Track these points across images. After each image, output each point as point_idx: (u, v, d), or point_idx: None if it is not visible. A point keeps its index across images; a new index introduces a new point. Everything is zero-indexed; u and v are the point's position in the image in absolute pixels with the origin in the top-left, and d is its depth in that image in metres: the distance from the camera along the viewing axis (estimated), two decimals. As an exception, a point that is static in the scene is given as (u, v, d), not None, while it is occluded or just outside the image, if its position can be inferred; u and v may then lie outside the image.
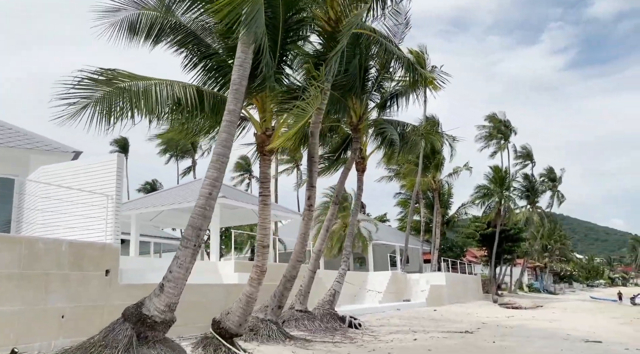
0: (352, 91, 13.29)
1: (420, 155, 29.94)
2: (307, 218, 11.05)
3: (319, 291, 15.69)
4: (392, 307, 21.74)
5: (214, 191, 6.83)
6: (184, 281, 6.73)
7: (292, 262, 11.08)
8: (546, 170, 54.55)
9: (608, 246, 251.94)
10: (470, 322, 17.20)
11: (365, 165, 16.14)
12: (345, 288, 22.90)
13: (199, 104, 8.09)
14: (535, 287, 59.48)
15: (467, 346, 10.18)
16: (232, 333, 8.57)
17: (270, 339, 10.48)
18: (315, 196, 11.22)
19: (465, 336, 12.52)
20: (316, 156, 10.97)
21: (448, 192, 38.42)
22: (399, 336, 12.37)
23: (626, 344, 11.58)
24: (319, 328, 12.84)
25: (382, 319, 17.07)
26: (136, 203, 19.45)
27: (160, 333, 6.68)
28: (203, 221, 6.76)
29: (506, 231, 41.59)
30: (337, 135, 15.24)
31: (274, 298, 11.12)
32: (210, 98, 8.32)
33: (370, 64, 13.54)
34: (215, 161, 6.90)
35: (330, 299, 14.49)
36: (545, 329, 14.81)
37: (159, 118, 8.12)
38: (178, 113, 8.35)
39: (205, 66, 8.74)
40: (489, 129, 45.75)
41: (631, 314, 24.48)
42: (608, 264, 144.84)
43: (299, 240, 11.24)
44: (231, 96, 7.05)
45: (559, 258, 72.55)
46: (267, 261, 8.81)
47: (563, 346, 10.29)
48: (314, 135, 10.91)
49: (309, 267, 13.58)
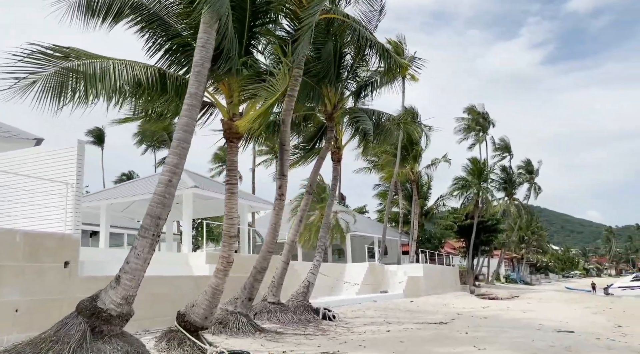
0: (327, 79, 12.99)
1: (398, 146, 29.87)
2: (278, 208, 10.77)
3: (295, 283, 15.46)
4: (369, 299, 21.68)
5: (174, 179, 6.49)
6: (142, 272, 6.40)
7: (263, 253, 10.81)
8: (524, 163, 55.25)
9: (583, 238, 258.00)
10: (446, 313, 17.20)
11: (341, 154, 15.91)
12: (322, 280, 22.76)
13: (162, 87, 7.70)
14: (512, 278, 60.41)
15: (440, 337, 10.07)
16: (198, 326, 8.28)
17: (240, 332, 10.22)
18: (287, 186, 10.93)
19: (439, 327, 12.45)
20: (287, 144, 10.68)
21: (427, 184, 38.53)
22: (373, 328, 12.23)
23: (598, 334, 11.65)
24: (292, 320, 12.63)
25: (358, 311, 16.95)
26: (106, 193, 18.88)
27: (117, 327, 6.35)
28: (162, 210, 6.42)
29: (484, 223, 41.99)
30: (312, 124, 14.95)
31: (244, 290, 10.84)
32: (174, 81, 7.95)
33: (345, 52, 13.25)
34: (175, 147, 6.56)
35: (304, 291, 14.28)
36: (518, 319, 14.87)
37: (118, 101, 7.69)
38: (139, 95, 7.93)
39: (169, 49, 8.34)
40: (467, 121, 45.99)
41: (604, 304, 24.90)
42: (583, 255, 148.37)
43: (269, 230, 10.96)
44: (193, 78, 6.70)
45: (536, 250, 73.83)
46: (234, 252, 8.50)
47: (535, 336, 10.27)
48: (285, 123, 10.60)
49: (281, 258, 13.33)
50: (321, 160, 13.93)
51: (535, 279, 72.66)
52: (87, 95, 6.96)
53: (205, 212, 22.75)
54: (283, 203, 10.83)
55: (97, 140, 57.03)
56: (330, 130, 13.83)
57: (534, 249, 71.28)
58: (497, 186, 49.33)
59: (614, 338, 11.12)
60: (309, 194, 13.81)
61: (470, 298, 29.09)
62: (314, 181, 13.92)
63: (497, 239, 46.95)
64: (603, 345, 9.62)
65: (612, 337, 11.22)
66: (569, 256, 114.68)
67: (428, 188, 39.16)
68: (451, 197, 40.15)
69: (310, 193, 13.83)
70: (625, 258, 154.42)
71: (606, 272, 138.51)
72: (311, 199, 30.09)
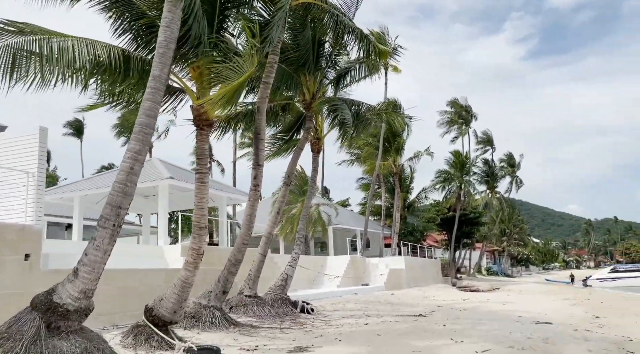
0: (305, 67, 12.68)
1: (381, 138, 29.72)
2: (253, 199, 10.46)
3: (275, 276, 15.19)
4: (350, 291, 21.55)
5: (136, 166, 6.13)
6: (101, 265, 6.05)
7: (238, 245, 10.50)
8: (506, 156, 55.66)
9: (563, 231, 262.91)
10: (426, 306, 17.12)
11: (321, 145, 15.63)
12: (303, 273, 22.57)
13: (126, 70, 7.31)
14: (493, 270, 61.08)
15: (417, 330, 9.91)
16: (166, 321, 7.97)
17: (213, 326, 9.94)
18: (262, 176, 10.62)
19: (418, 319, 12.31)
20: (263, 133, 10.35)
21: (409, 177, 38.52)
22: (351, 321, 12.04)
23: (575, 326, 11.63)
24: (269, 313, 12.38)
25: (338, 304, 16.77)
26: (80, 184, 18.32)
27: (75, 322, 6.00)
28: (123, 198, 6.07)
29: (466, 216, 42.21)
30: (290, 114, 14.62)
31: (218, 283, 10.54)
32: (139, 63, 7.55)
33: (324, 39, 12.94)
34: (137, 132, 6.20)
35: (282, 284, 14.03)
36: (498, 311, 14.84)
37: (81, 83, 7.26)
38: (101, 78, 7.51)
39: (135, 30, 7.93)
40: (450, 114, 46.08)
41: (582, 296, 25.18)
42: (563, 248, 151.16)
43: (244, 222, 10.66)
44: (157, 60, 6.33)
45: (517, 242, 74.71)
46: (205, 244, 8.19)
47: (513, 328, 10.18)
48: (260, 111, 10.27)
49: (258, 251, 13.04)
50: (299, 150, 13.63)
51: (516, 271, 73.67)
52: (42, 74, 6.53)
53: (183, 204, 22.29)
54: (258, 194, 10.52)
55: (76, 132, 55.78)
56: (309, 120, 13.53)
57: (515, 242, 72.13)
58: (479, 179, 49.66)
59: (591, 329, 11.11)
60: (287, 185, 13.51)
61: (452, 290, 29.18)
62: (291, 173, 13.63)
63: (479, 232, 47.31)
64: (580, 337, 9.56)
65: (590, 328, 11.20)
66: (549, 248, 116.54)
67: (410, 181, 39.17)
68: (433, 190, 40.28)
69: (288, 185, 13.54)
70: (604, 250, 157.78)
71: (585, 264, 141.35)
72: (293, 191, 29.94)
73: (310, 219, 32.36)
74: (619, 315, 15.11)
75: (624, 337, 9.76)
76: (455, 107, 46.32)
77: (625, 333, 10.43)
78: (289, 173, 13.53)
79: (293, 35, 12.52)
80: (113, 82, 7.68)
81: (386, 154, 32.88)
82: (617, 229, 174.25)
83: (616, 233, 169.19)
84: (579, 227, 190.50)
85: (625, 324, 12.34)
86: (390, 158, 33.88)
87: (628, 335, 10.07)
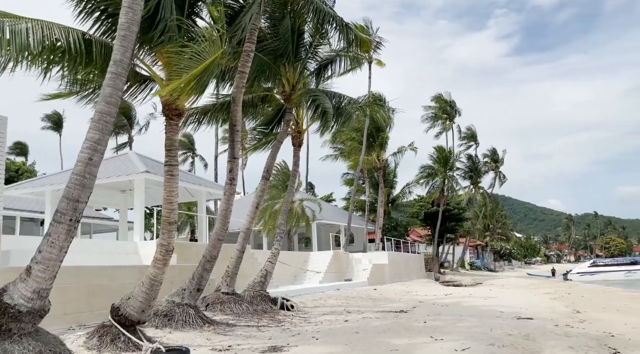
0: (285, 57, 12.30)
1: (364, 132, 29.47)
2: (229, 193, 10.08)
3: (255, 273, 14.85)
4: (333, 287, 21.32)
5: (96, 156, 5.72)
6: (57, 262, 5.64)
7: (213, 241, 10.13)
8: (489, 151, 55.93)
9: (545, 225, 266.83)
10: (408, 301, 16.96)
11: (302, 139, 15.30)
12: (285, 269, 22.28)
13: (87, 54, 6.85)
14: (476, 265, 61.53)
15: (397, 327, 9.67)
16: (134, 320, 7.58)
17: (187, 325, 9.56)
18: (238, 169, 10.24)
19: (398, 315, 12.09)
20: (238, 124, 9.97)
21: (393, 172, 38.38)
22: (331, 318, 11.78)
23: (556, 321, 11.52)
24: (247, 311, 12.04)
25: (319, 300, 16.51)
26: (51, 178, 17.69)
27: (29, 324, 5.59)
28: (81, 191, 5.66)
29: (449, 211, 42.27)
30: (271, 106, 14.23)
31: (193, 280, 10.16)
32: (102, 48, 7.10)
33: (303, 29, 12.56)
34: (97, 120, 5.78)
35: (262, 281, 13.69)
36: (479, 307, 14.71)
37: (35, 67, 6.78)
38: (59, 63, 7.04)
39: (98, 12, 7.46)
40: (435, 110, 46.04)
41: (563, 290, 25.33)
42: (544, 242, 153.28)
43: (219, 217, 10.28)
44: (118, 44, 5.90)
45: (500, 237, 75.38)
46: (174, 240, 7.80)
47: (494, 324, 10.00)
48: (236, 101, 9.88)
49: (236, 247, 12.67)
50: (279, 143, 13.27)
51: (498, 266, 74.36)
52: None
53: (160, 199, 21.79)
54: (234, 188, 10.15)
55: (56, 126, 54.45)
56: (289, 113, 13.17)
57: (498, 236, 72.76)
58: (462, 174, 49.81)
59: (572, 324, 11.00)
60: (266, 180, 13.15)
61: (434, 285, 29.16)
62: (271, 167, 13.26)
63: (463, 227, 47.45)
64: (561, 332, 9.42)
65: (570, 323, 11.10)
66: (531, 243, 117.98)
67: (394, 176, 39.05)
68: (417, 185, 40.23)
69: (267, 179, 13.17)
70: (584, 244, 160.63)
71: (566, 258, 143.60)
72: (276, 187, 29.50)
73: (294, 215, 32.04)
74: (600, 310, 15.10)
75: (605, 332, 9.65)
76: (439, 102, 46.29)
77: (606, 328, 10.34)
78: (268, 167, 13.16)
79: (272, 24, 12.12)
80: (73, 69, 7.22)
81: (370, 149, 32.67)
82: (597, 224, 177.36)
83: (596, 227, 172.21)
84: (560, 222, 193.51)
85: (606, 319, 12.28)
86: (374, 153, 33.68)
87: (609, 330, 9.97)
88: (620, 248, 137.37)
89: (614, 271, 43.39)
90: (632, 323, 11.71)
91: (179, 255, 14.40)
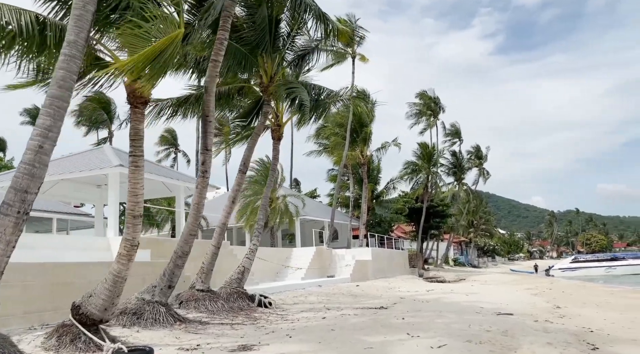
0: (262, 48, 11.93)
1: (348, 127, 29.21)
2: (201, 187, 9.71)
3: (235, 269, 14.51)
4: (314, 283, 21.05)
5: (47, 144, 5.34)
6: (3, 258, 5.25)
7: (184, 236, 9.76)
8: (473, 148, 56.17)
9: (528, 222, 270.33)
10: (390, 297, 16.77)
11: (282, 132, 14.97)
12: (267, 265, 21.94)
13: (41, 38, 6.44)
14: (460, 261, 61.85)
15: (374, 324, 9.43)
16: (95, 319, 7.20)
17: (156, 324, 9.19)
18: (211, 162, 9.88)
19: (378, 312, 11.87)
20: (211, 115, 9.59)
21: (377, 168, 38.22)
22: (309, 315, 11.50)
23: (536, 316, 11.41)
24: (222, 308, 11.70)
25: (300, 297, 16.23)
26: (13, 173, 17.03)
27: (-26, 324, 5.20)
28: (30, 181, 5.28)
29: (434, 207, 42.28)
30: (249, 98, 13.85)
31: (164, 277, 9.79)
32: (57, 31, 6.68)
33: (281, 18, 12.20)
34: (48, 105, 5.39)
35: (239, 277, 13.36)
36: (460, 302, 14.57)
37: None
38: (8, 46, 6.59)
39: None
40: (419, 106, 45.98)
41: (544, 285, 25.42)
42: (527, 239, 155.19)
43: (191, 211, 9.90)
44: (72, 24, 5.51)
45: (484, 234, 75.93)
46: (140, 234, 7.43)
47: (473, 320, 9.82)
48: (208, 91, 9.50)
49: (212, 242, 12.31)
50: (256, 136, 12.91)
51: (482, 262, 74.92)
52: None
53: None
54: (207, 181, 9.78)
55: (34, 120, 53.16)
56: (267, 105, 12.82)
57: (482, 233, 73.27)
58: (446, 171, 49.92)
59: (551, 319, 10.89)
60: (243, 173, 12.79)
61: (418, 281, 29.09)
62: (248, 160, 12.90)
63: (447, 223, 47.57)
64: (540, 328, 9.27)
65: (550, 319, 10.99)
66: (514, 239, 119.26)
67: (378, 172, 38.89)
68: (401, 181, 40.13)
69: (244, 172, 12.82)
70: (566, 241, 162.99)
71: (548, 254, 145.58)
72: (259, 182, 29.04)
73: (277, 211, 31.67)
74: (580, 305, 15.08)
75: (585, 328, 9.54)
76: (423, 98, 46.25)
77: (585, 324, 10.24)
78: (245, 161, 12.80)
79: (248, 13, 11.75)
80: (27, 54, 6.78)
81: (353, 144, 32.43)
82: (579, 220, 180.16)
83: (577, 224, 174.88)
84: (543, 219, 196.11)
85: (585, 315, 12.22)
86: (358, 149, 33.45)
87: (588, 326, 9.87)
88: (600, 244, 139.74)
89: (595, 267, 43.92)
90: (611, 318, 11.66)
91: (154, 251, 13.98)
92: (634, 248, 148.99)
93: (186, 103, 12.62)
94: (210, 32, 10.68)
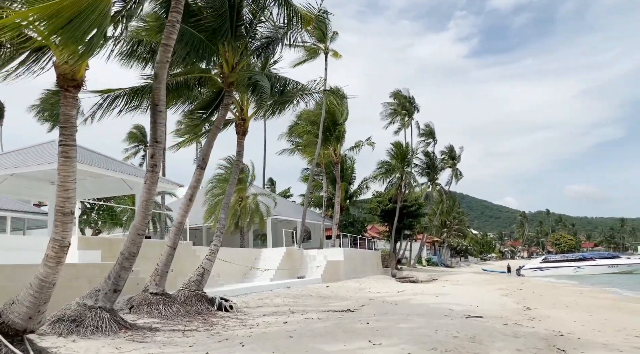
0: (222, 35, 11.19)
1: (321, 125, 28.62)
2: (150, 182, 8.93)
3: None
4: (283, 285, 20.38)
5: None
6: None
7: (132, 236, 8.96)
8: (447, 148, 56.37)
9: (501, 222, 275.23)
10: (359, 299, 16.24)
11: (247, 127, 14.26)
12: (233, 267, 21.16)
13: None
14: (433, 261, 62.01)
15: (336, 329, 8.84)
16: (19, 329, 6.38)
17: (98, 331, 8.37)
18: (161, 155, 9.12)
19: (343, 316, 11.29)
20: (161, 104, 8.82)
21: (351, 167, 37.75)
22: (270, 319, 10.84)
23: (506, 319, 11.05)
24: (177, 313, 10.92)
25: (265, 299, 15.53)
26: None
27: None
28: None
29: (407, 207, 42.06)
30: (209, 89, 13.08)
31: (109, 280, 8.97)
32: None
33: (242, 3, 11.49)
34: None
35: (198, 280, 12.60)
36: (429, 304, 14.14)
37: None
38: None
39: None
40: (394, 106, 45.75)
41: (515, 285, 25.37)
42: (499, 239, 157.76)
43: (139, 208, 9.11)
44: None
45: (457, 234, 76.44)
46: (71, 234, 6.65)
47: (440, 325, 9.33)
48: (159, 78, 8.74)
49: (167, 243, 11.54)
50: (217, 130, 12.17)
51: (455, 262, 75.50)
52: None
53: (99, 192, 20.26)
54: (156, 176, 9.00)
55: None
56: (228, 96, 12.09)
57: (455, 233, 73.73)
58: (420, 171, 49.86)
59: (521, 322, 10.53)
60: (202, 169, 12.03)
61: (390, 281, 28.69)
62: (207, 155, 12.14)
63: (420, 223, 47.48)
64: (510, 333, 8.85)
65: (520, 321, 10.63)
66: (486, 240, 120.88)
67: (352, 172, 38.44)
68: (375, 181, 39.76)
69: (203, 168, 12.06)
70: (537, 241, 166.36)
71: (519, 254, 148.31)
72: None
73: (247, 210, 30.84)
74: (550, 306, 14.86)
75: (555, 331, 9.17)
76: (398, 98, 46.03)
77: (555, 326, 9.90)
78: (203, 156, 12.04)
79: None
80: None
81: (327, 142, 31.85)
82: (549, 221, 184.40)
83: (548, 225, 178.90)
84: (514, 219, 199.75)
85: (555, 316, 11.93)
86: (331, 147, 32.90)
87: (559, 329, 9.52)
88: (569, 244, 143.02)
89: (564, 267, 44.56)
90: (580, 320, 11.40)
91: (106, 252, 13.10)
92: (601, 248, 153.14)
93: (142, 93, 11.78)
94: (163, 14, 9.92)
